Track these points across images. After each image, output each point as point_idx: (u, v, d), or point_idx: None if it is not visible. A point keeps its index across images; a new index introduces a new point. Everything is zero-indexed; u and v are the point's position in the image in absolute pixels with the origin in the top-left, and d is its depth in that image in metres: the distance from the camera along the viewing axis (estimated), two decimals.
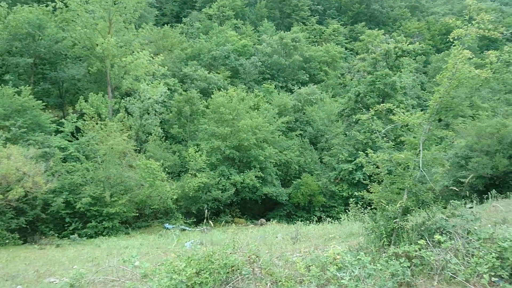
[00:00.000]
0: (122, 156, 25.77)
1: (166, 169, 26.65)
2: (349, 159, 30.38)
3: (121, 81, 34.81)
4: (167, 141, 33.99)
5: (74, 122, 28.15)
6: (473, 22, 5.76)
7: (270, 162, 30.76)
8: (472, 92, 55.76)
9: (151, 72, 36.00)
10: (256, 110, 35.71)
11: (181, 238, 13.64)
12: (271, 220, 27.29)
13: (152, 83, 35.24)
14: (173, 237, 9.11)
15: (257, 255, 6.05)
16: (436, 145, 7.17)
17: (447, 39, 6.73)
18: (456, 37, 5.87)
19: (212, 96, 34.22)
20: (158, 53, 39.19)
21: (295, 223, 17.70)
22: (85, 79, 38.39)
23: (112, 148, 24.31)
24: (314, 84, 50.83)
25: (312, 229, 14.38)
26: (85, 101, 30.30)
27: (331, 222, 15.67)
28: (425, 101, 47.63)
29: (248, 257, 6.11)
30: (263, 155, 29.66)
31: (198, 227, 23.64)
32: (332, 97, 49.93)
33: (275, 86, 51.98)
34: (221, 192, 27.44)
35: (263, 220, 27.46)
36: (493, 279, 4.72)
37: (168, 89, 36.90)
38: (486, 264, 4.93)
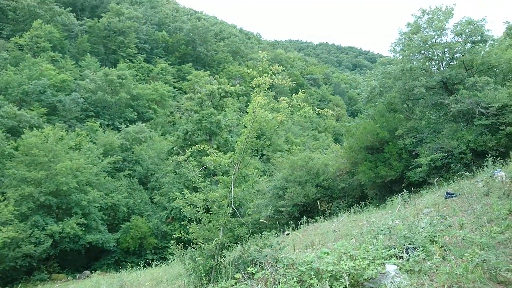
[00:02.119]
0: None
1: None
2: (182, 196, 30.43)
3: None
4: None
5: None
6: (269, 72, 6.55)
7: (95, 206, 28.38)
8: (286, 130, 63.55)
9: None
10: (77, 151, 32.81)
11: None
12: (97, 270, 24.89)
13: None
14: None
15: None
16: (257, 180, 7.76)
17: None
18: (256, 85, 6.58)
19: (22, 136, 30.00)
20: None
21: (125, 270, 16.56)
22: None
23: None
24: (142, 122, 49.95)
25: (139, 275, 13.64)
26: None
27: (160, 265, 15.17)
28: None
29: None
30: (86, 199, 27.18)
31: None
32: (161, 135, 49.83)
33: (100, 124, 49.08)
34: (34, 246, 23.76)
35: (87, 272, 24.82)
36: None
37: None
38: None
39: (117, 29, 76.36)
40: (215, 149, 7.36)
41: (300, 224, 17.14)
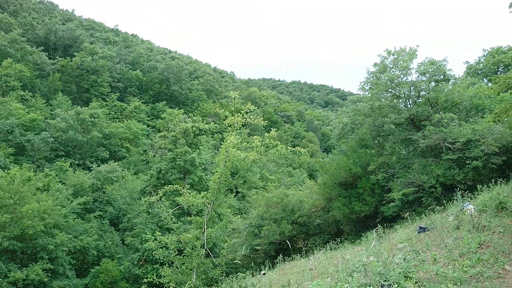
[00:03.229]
0: None
1: None
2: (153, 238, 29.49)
3: None
4: None
5: None
6: (241, 112, 6.64)
7: (63, 250, 27.05)
8: (261, 167, 63.62)
9: None
10: (45, 192, 31.64)
11: None
12: None
13: None
14: None
15: None
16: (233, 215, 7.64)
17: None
18: (229, 124, 6.64)
19: None
20: None
21: None
22: None
23: None
24: (115, 161, 49.01)
25: None
26: None
27: None
28: None
29: None
30: (53, 243, 25.92)
31: None
32: (134, 174, 48.90)
33: (71, 164, 47.81)
34: None
35: None
36: None
37: None
38: None
39: (90, 68, 76.24)
40: (189, 187, 7.27)
41: (277, 262, 16.85)
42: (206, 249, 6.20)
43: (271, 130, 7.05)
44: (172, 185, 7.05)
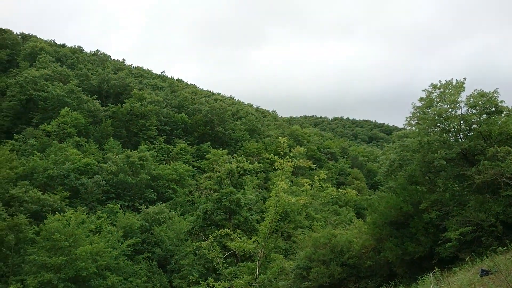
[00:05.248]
0: None
1: None
2: (200, 280, 29.38)
3: None
4: None
5: None
6: (290, 154, 6.70)
7: None
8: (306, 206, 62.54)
9: None
10: (97, 234, 32.75)
11: None
12: None
13: None
14: None
15: None
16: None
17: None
18: (277, 167, 6.70)
19: (45, 220, 30.33)
20: None
21: None
22: None
23: None
24: (162, 203, 50.18)
25: None
26: None
27: None
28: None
29: None
30: (105, 285, 26.54)
31: None
32: (181, 214, 49.63)
33: (121, 205, 49.46)
34: None
35: None
36: None
37: None
38: None
39: (139, 113, 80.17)
40: (234, 227, 7.30)
41: None
42: None
43: (317, 169, 7.03)
44: (223, 230, 7.12)
